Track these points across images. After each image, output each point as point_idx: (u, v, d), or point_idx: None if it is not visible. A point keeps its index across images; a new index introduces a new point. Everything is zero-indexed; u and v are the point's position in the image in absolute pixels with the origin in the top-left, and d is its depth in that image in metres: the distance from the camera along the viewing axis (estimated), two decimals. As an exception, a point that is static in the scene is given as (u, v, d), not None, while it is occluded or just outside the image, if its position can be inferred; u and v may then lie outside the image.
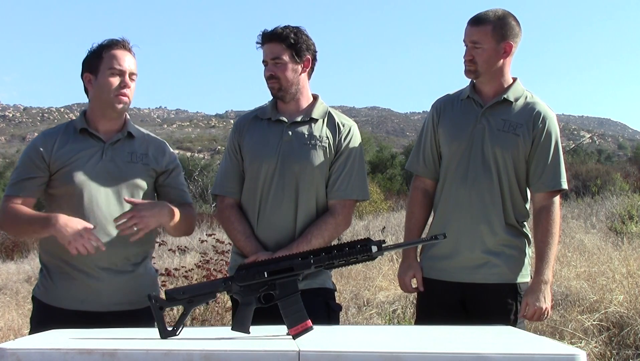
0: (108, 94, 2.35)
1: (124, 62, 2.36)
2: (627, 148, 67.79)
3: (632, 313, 4.45)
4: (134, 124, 2.50)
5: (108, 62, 2.35)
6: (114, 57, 2.35)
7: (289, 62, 2.45)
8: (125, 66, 2.36)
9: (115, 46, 2.37)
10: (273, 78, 2.46)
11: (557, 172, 2.49)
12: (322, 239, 2.42)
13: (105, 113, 2.40)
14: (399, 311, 5.52)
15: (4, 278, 10.61)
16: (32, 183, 2.37)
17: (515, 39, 2.49)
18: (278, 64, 2.45)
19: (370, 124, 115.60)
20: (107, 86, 2.35)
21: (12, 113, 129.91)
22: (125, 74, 2.36)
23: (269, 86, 2.49)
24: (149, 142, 2.50)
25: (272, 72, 2.46)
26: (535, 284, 2.46)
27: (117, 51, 2.36)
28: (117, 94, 2.35)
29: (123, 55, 2.37)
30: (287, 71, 2.45)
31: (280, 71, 2.45)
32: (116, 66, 2.34)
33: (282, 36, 2.44)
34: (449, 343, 1.71)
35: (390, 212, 14.45)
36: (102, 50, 2.37)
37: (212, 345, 1.60)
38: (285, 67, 2.45)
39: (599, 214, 10.14)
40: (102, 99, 2.38)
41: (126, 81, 2.36)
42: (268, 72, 2.47)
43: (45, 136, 2.44)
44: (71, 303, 2.33)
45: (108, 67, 2.35)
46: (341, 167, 2.49)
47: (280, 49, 2.44)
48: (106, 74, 2.35)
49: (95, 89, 2.38)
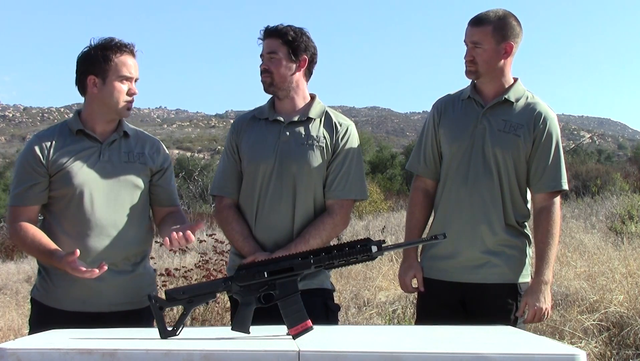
0: (117, 101, 2.35)
1: (133, 69, 2.36)
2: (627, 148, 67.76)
3: (632, 313, 4.45)
4: (126, 122, 2.49)
5: (118, 68, 2.33)
6: (124, 64, 2.34)
7: (283, 59, 2.45)
8: (133, 73, 2.36)
9: (125, 52, 2.35)
10: (266, 72, 2.47)
11: (557, 173, 2.49)
12: (320, 240, 2.42)
13: (106, 116, 2.39)
14: (399, 311, 5.52)
15: (4, 278, 10.61)
16: (35, 190, 2.35)
17: (516, 39, 2.49)
18: (273, 59, 2.45)
19: (370, 124, 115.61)
20: (116, 94, 2.34)
21: (12, 113, 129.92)
22: (133, 80, 2.36)
23: (262, 80, 2.50)
24: (144, 140, 2.50)
25: (266, 65, 2.47)
26: (535, 284, 2.46)
27: (126, 58, 2.35)
28: (128, 101, 2.36)
29: (132, 62, 2.36)
30: (280, 67, 2.45)
31: (273, 65, 2.45)
32: (126, 74, 2.34)
33: (281, 32, 2.45)
34: (449, 343, 1.71)
35: (390, 212, 14.45)
36: (110, 54, 2.33)
37: (212, 345, 1.60)
38: (279, 63, 2.45)
39: (599, 214, 10.14)
40: (109, 105, 2.36)
41: (134, 89, 2.37)
42: (262, 66, 2.48)
43: (40, 139, 2.40)
44: (72, 304, 2.33)
45: (118, 74, 2.33)
46: (339, 167, 2.49)
47: (277, 44, 2.45)
48: (116, 81, 2.33)
49: (101, 93, 2.35)
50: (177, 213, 2.51)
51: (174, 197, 2.55)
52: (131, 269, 2.39)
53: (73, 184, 2.33)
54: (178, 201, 2.58)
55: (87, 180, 2.34)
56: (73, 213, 2.33)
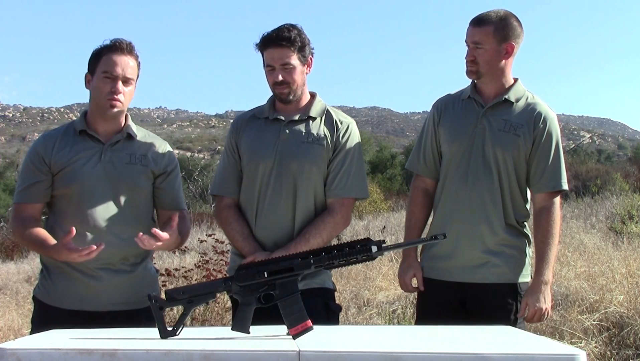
0: (100, 97, 2.36)
1: (119, 67, 2.33)
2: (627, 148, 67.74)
3: (632, 313, 4.45)
4: (134, 124, 2.49)
5: (103, 65, 2.34)
6: (110, 61, 2.34)
7: (297, 66, 2.41)
8: (118, 71, 2.33)
9: (115, 50, 2.35)
10: (284, 84, 2.41)
11: (557, 173, 2.49)
12: (321, 239, 2.41)
13: (102, 115, 2.40)
14: (399, 311, 5.52)
15: (4, 278, 10.61)
16: (38, 188, 2.38)
17: (517, 39, 2.49)
18: (288, 69, 2.40)
19: (370, 124, 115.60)
20: (98, 90, 2.35)
21: (12, 113, 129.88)
22: (118, 79, 2.34)
23: (278, 92, 2.43)
24: (150, 143, 2.49)
25: (284, 77, 2.40)
26: (535, 285, 2.46)
27: (115, 55, 2.34)
28: (108, 98, 2.34)
29: (120, 60, 2.34)
30: (297, 75, 2.42)
31: (289, 76, 2.41)
32: (110, 71, 2.33)
33: (290, 40, 2.38)
34: (449, 343, 1.71)
35: (390, 212, 14.44)
36: (102, 52, 2.36)
37: (212, 345, 1.60)
38: (294, 71, 2.41)
39: (599, 214, 10.14)
40: (97, 102, 2.38)
41: (117, 87, 2.33)
42: (279, 78, 2.40)
43: (45, 138, 2.44)
44: (70, 302, 2.34)
45: (102, 70, 2.34)
46: (339, 165, 2.48)
47: (289, 53, 2.38)
48: (100, 77, 2.34)
49: (91, 90, 2.40)
50: (182, 218, 2.49)
51: (178, 200, 2.54)
52: (130, 269, 2.39)
53: (73, 183, 2.34)
54: (183, 205, 2.57)
55: (87, 180, 2.35)
56: (72, 212, 2.34)
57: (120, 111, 2.38)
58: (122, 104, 2.37)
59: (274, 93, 2.47)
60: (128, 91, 2.38)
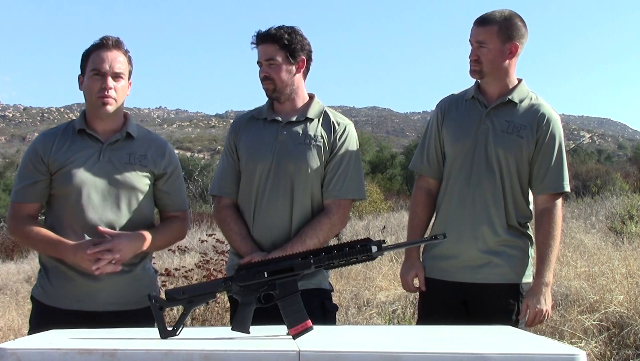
0: (91, 96, 2.35)
1: (106, 63, 2.32)
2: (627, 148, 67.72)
3: (632, 313, 4.44)
4: (135, 124, 2.48)
5: (92, 64, 2.33)
6: (97, 58, 2.33)
7: (282, 64, 2.44)
8: (106, 68, 2.32)
9: (102, 47, 2.34)
10: (268, 79, 2.46)
11: (559, 175, 2.49)
12: (317, 240, 2.41)
13: (97, 114, 2.38)
14: (399, 311, 5.52)
15: (4, 278, 10.61)
16: (36, 188, 2.37)
17: (521, 39, 2.48)
18: (272, 65, 2.44)
19: (370, 124, 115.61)
20: (89, 89, 2.35)
21: (12, 113, 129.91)
22: (107, 75, 2.32)
23: (264, 87, 2.49)
24: (150, 142, 2.47)
25: (267, 73, 2.45)
26: (536, 286, 2.45)
27: (102, 52, 2.33)
28: (99, 96, 2.33)
29: (107, 55, 2.33)
30: (281, 72, 2.45)
31: (274, 72, 2.44)
32: (97, 68, 2.32)
33: (276, 37, 2.43)
34: (449, 343, 1.71)
35: (390, 212, 14.45)
36: (90, 51, 2.36)
37: (212, 345, 1.60)
38: (279, 69, 2.44)
39: (599, 214, 10.14)
40: (89, 101, 2.37)
41: (107, 83, 2.32)
42: (262, 74, 2.47)
43: (44, 137, 2.43)
44: (68, 303, 2.33)
45: (91, 69, 2.33)
46: (336, 166, 2.48)
47: (274, 49, 2.43)
48: (90, 76, 2.34)
49: (83, 90, 2.39)
50: (175, 219, 2.51)
51: (179, 202, 2.53)
52: (128, 269, 2.38)
53: (71, 183, 2.33)
54: (185, 207, 2.56)
55: (86, 180, 2.34)
56: (70, 212, 2.33)
57: (111, 107, 2.35)
58: (115, 100, 2.34)
59: (263, 89, 2.50)
60: (120, 87, 2.36)
